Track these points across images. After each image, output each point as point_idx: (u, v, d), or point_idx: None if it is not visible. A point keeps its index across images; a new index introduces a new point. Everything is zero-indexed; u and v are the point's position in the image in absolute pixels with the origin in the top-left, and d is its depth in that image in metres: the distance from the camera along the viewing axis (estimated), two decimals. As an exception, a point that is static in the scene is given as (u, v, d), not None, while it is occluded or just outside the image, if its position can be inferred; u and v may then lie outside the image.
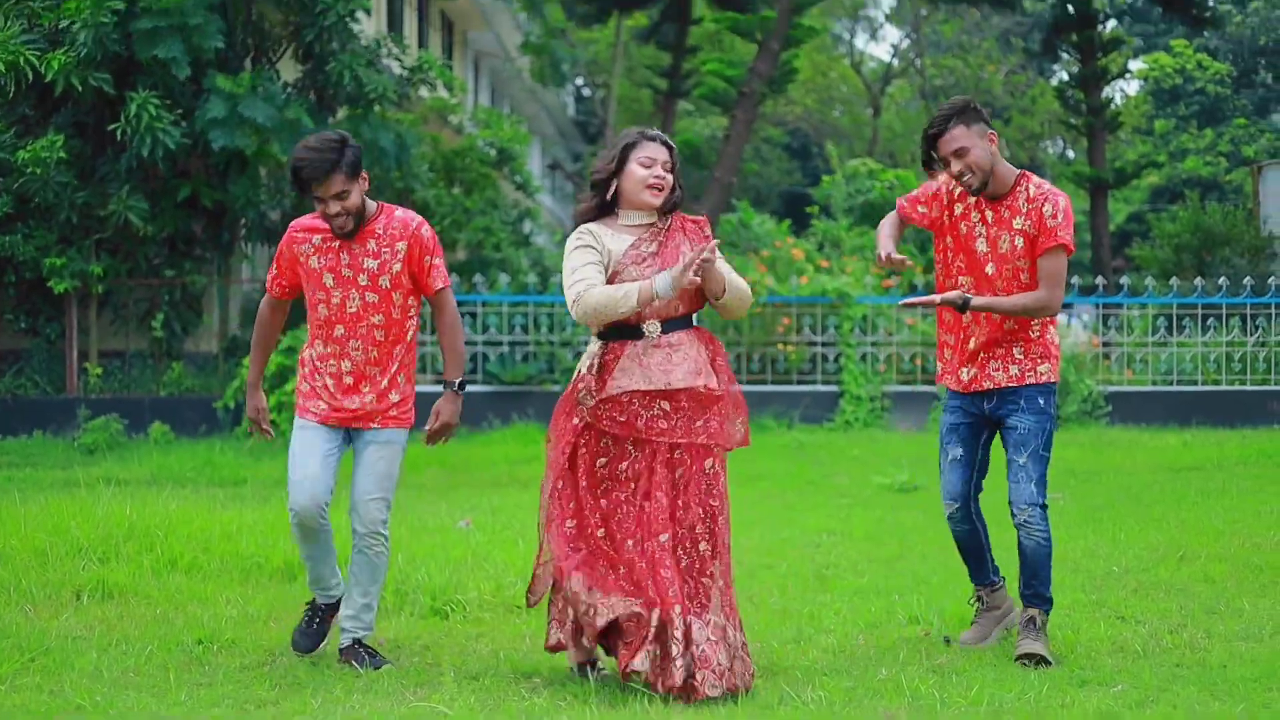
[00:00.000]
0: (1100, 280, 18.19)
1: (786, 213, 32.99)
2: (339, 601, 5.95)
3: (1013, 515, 5.82)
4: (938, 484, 6.14)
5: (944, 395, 6.09)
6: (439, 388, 5.90)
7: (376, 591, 5.84)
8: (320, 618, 5.96)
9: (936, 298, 5.71)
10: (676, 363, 5.23)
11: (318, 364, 5.74)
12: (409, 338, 5.78)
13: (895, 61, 45.57)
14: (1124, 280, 18.18)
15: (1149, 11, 43.24)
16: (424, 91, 19.60)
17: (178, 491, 10.54)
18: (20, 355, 16.31)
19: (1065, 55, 30.76)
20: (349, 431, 5.79)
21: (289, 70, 16.87)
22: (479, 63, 33.01)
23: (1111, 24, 39.22)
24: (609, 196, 5.39)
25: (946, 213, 5.86)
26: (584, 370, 5.34)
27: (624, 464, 5.25)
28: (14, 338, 16.37)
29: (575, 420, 5.31)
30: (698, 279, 5.08)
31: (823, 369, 17.25)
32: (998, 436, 5.97)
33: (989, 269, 5.74)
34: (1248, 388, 17.15)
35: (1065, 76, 32.70)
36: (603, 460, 5.28)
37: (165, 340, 16.26)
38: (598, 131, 37.15)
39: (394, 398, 5.74)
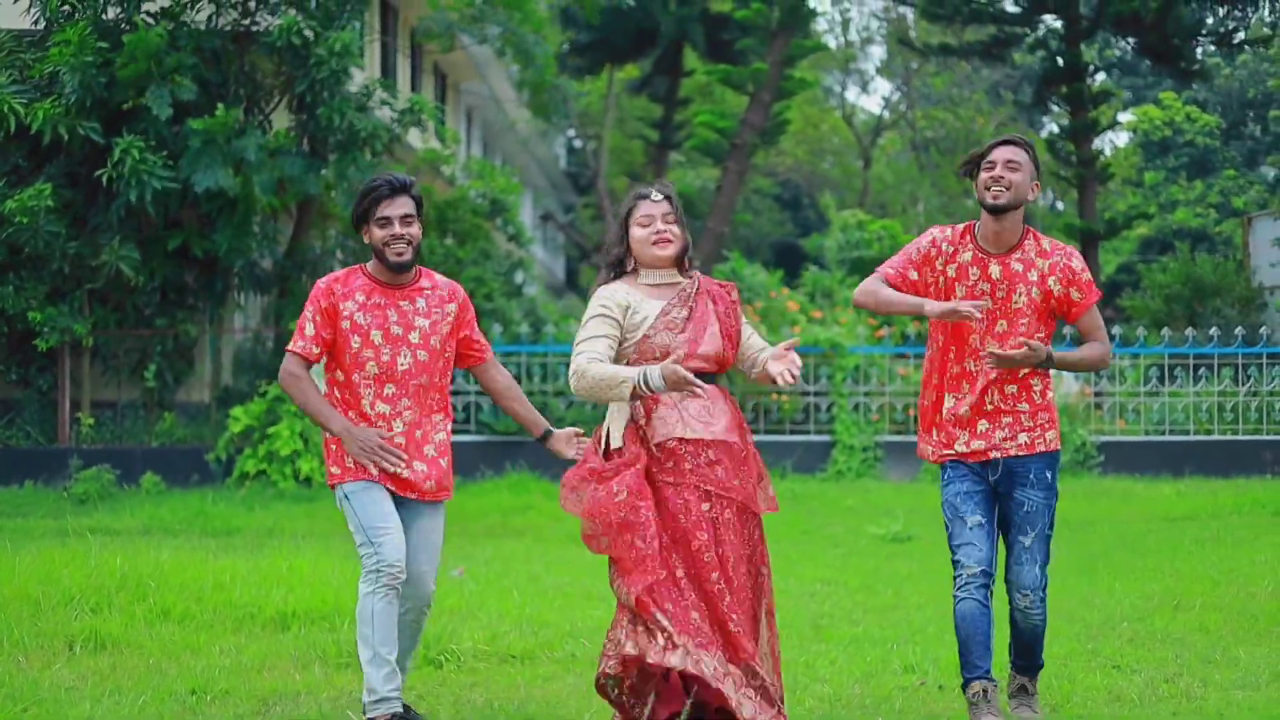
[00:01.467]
0: (1092, 330, 18.22)
1: (777, 263, 33.09)
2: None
3: (1012, 599, 5.60)
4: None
5: (940, 469, 5.66)
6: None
7: (418, 646, 5.76)
8: None
9: (1015, 354, 5.33)
10: (716, 415, 5.16)
11: (365, 412, 5.42)
12: (449, 403, 5.66)
13: (886, 114, 45.80)
14: (1115, 330, 18.22)
15: (1138, 65, 43.53)
16: (416, 141, 19.67)
17: (170, 542, 10.51)
18: (12, 405, 16.27)
19: (1055, 108, 30.88)
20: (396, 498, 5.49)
21: (282, 120, 16.91)
22: (471, 114, 33.14)
23: (1101, 77, 39.47)
24: (630, 266, 5.34)
25: (941, 275, 5.54)
26: (615, 430, 5.20)
27: (683, 517, 5.10)
28: (6, 388, 16.34)
29: (619, 495, 5.06)
30: (691, 390, 5.00)
31: (815, 419, 17.25)
32: None
33: (999, 326, 5.47)
34: (1240, 437, 17.17)
35: (1055, 129, 32.84)
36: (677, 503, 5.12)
37: (157, 390, 16.23)
38: (589, 183, 37.28)
39: (444, 465, 5.56)
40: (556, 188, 43.55)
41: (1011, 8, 28.54)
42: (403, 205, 5.43)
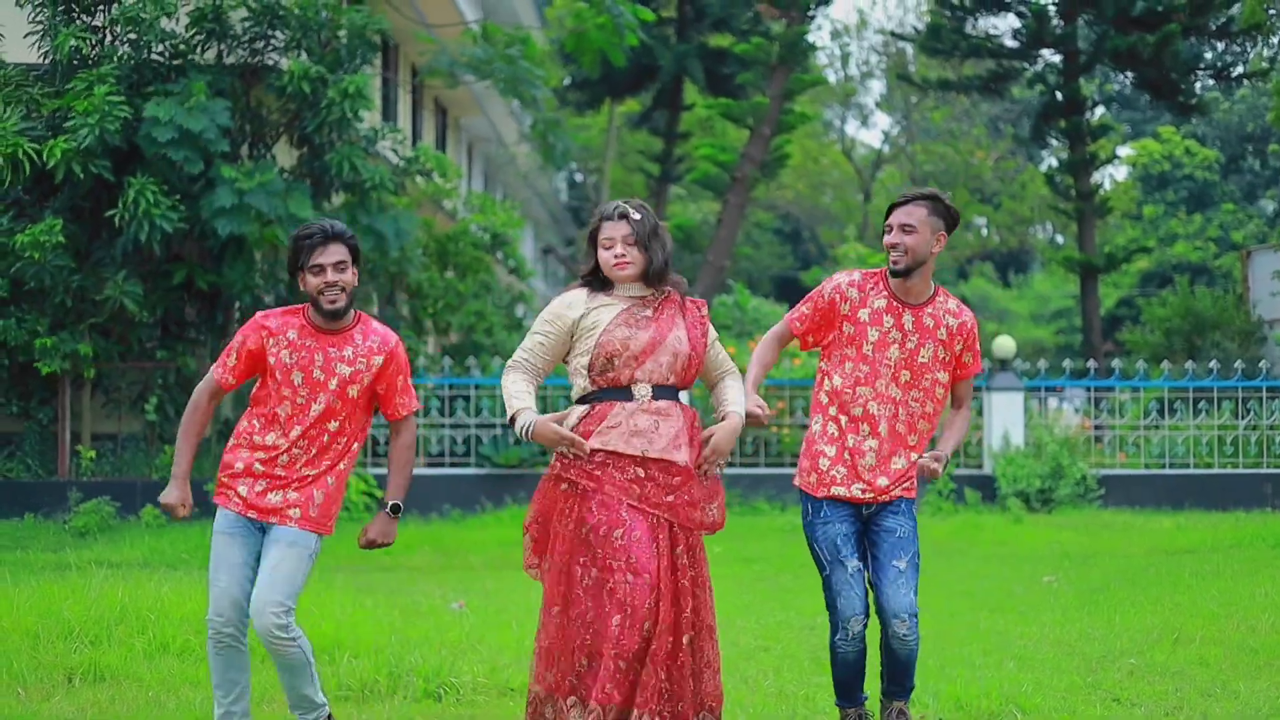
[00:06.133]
0: (1091, 364, 18.27)
1: (778, 296, 33.17)
2: None
3: (887, 625, 5.53)
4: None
5: (806, 504, 5.64)
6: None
7: (305, 678, 5.55)
8: None
9: (937, 460, 5.51)
10: (661, 432, 5.19)
11: (256, 455, 5.55)
12: (353, 450, 5.65)
13: (886, 148, 45.97)
14: (1115, 364, 18.24)
15: (1137, 99, 43.70)
16: (419, 180, 19.75)
17: (170, 574, 10.48)
18: (12, 438, 16.25)
19: (1054, 141, 31.03)
20: (264, 527, 5.58)
21: (284, 155, 16.97)
22: (472, 148, 33.26)
23: (1100, 111, 39.62)
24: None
25: (845, 322, 5.61)
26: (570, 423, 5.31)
27: (619, 530, 5.11)
28: (6, 421, 16.31)
29: (563, 486, 5.23)
30: (566, 453, 5.23)
31: (816, 452, 17.22)
32: None
33: (903, 376, 5.54)
34: (1240, 471, 17.17)
35: (1054, 162, 33.02)
36: (588, 525, 5.15)
37: (158, 423, 16.23)
38: (590, 216, 37.38)
39: (317, 498, 5.54)
40: (558, 221, 43.68)
41: (1010, 42, 28.70)
42: (336, 253, 5.50)
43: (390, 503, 5.66)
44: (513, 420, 5.21)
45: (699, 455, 5.27)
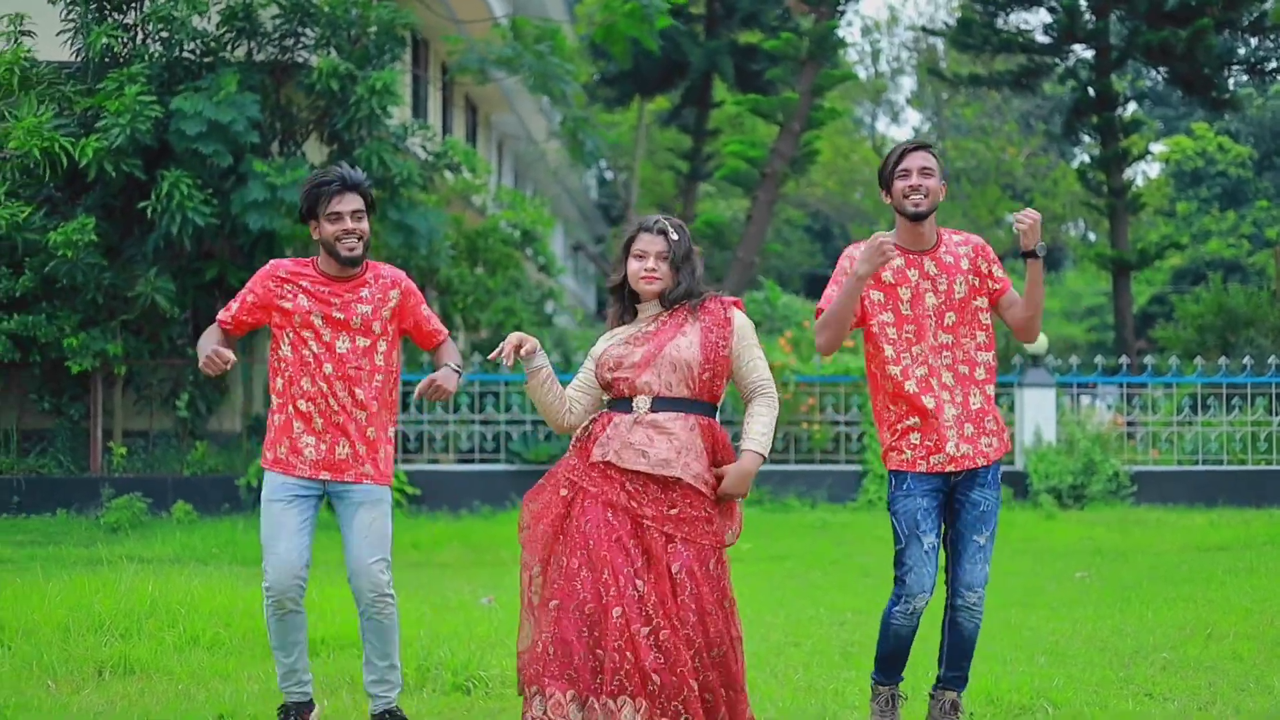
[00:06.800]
0: (1124, 360, 18.17)
1: (808, 293, 33.12)
2: (311, 699, 5.84)
3: (958, 596, 5.54)
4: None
5: (892, 479, 5.62)
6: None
7: (395, 651, 5.72)
8: (298, 718, 5.80)
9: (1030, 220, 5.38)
10: (658, 446, 5.07)
11: (299, 407, 5.55)
12: (392, 393, 5.72)
13: (916, 144, 45.74)
14: (1148, 361, 18.15)
15: (1169, 95, 43.46)
16: (448, 175, 19.79)
17: (200, 569, 10.52)
18: (44, 435, 16.34)
19: (1086, 138, 30.86)
20: (327, 489, 5.62)
21: (314, 152, 17.02)
22: (502, 145, 33.29)
23: (1132, 107, 39.40)
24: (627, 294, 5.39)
25: (872, 289, 5.54)
26: (574, 439, 5.29)
27: (620, 534, 5.03)
28: (39, 417, 16.41)
29: (563, 491, 5.18)
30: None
31: (846, 448, 17.21)
32: None
33: (948, 318, 5.50)
34: (1274, 467, 17.06)
35: (1086, 159, 32.82)
36: (587, 520, 5.07)
37: (189, 419, 16.29)
38: (620, 214, 37.41)
39: (381, 453, 5.63)
40: (588, 218, 43.69)
41: (1042, 37, 28.58)
42: (353, 201, 5.57)
43: (449, 363, 5.71)
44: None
45: (710, 471, 5.16)
